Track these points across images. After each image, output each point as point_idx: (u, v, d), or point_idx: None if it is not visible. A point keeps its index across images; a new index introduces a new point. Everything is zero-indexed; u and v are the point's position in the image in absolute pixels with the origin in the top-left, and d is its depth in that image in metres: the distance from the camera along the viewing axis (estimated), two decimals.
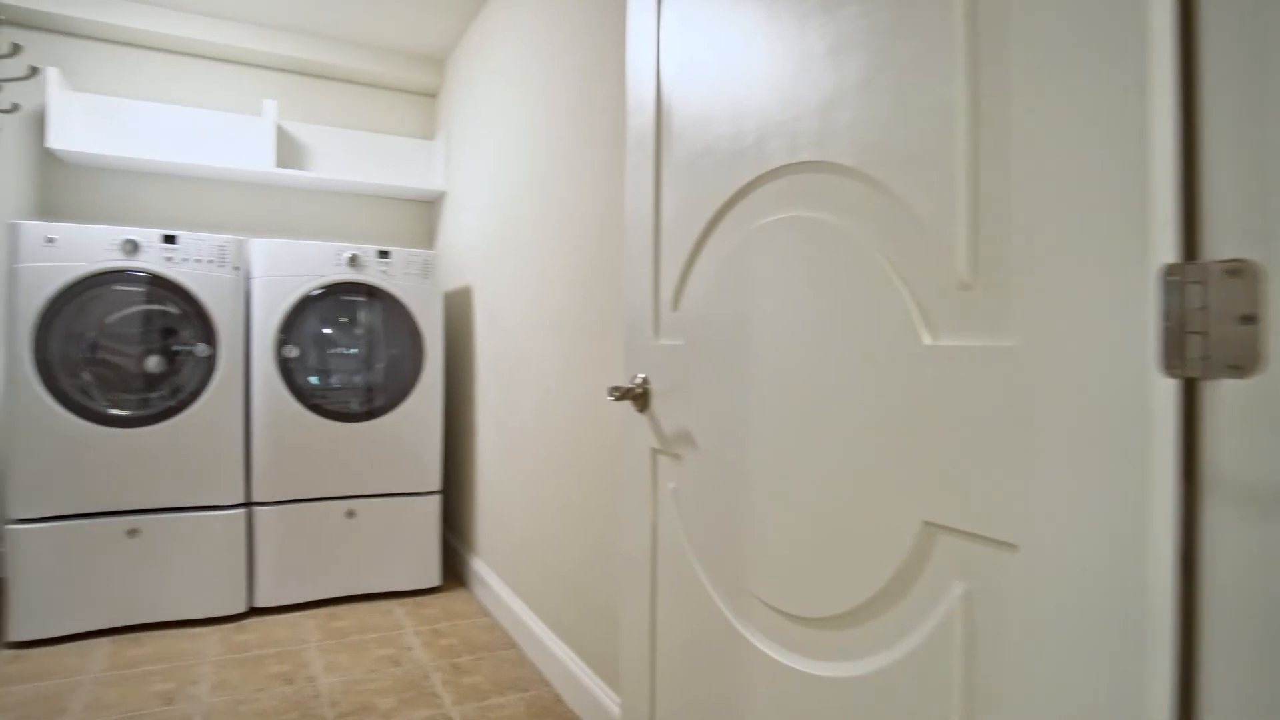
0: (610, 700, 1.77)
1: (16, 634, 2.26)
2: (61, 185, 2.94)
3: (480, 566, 2.82)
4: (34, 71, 1.13)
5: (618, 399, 1.34)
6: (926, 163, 0.82)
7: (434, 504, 2.87)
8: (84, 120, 2.88)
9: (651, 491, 1.36)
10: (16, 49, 1.09)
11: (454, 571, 3.13)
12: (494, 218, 2.72)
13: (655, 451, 1.35)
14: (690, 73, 1.25)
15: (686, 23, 1.26)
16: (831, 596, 0.95)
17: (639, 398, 1.37)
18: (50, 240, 2.29)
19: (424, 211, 3.63)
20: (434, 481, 2.87)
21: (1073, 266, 0.67)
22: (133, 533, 2.40)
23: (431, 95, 3.64)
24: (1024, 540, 0.71)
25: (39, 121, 2.88)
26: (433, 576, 2.86)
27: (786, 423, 1.02)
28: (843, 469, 0.93)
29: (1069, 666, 0.67)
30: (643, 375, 1.37)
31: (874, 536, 0.89)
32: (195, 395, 2.47)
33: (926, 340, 0.82)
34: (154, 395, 2.45)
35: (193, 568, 2.48)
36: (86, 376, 2.36)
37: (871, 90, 0.89)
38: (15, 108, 1.17)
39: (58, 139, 2.77)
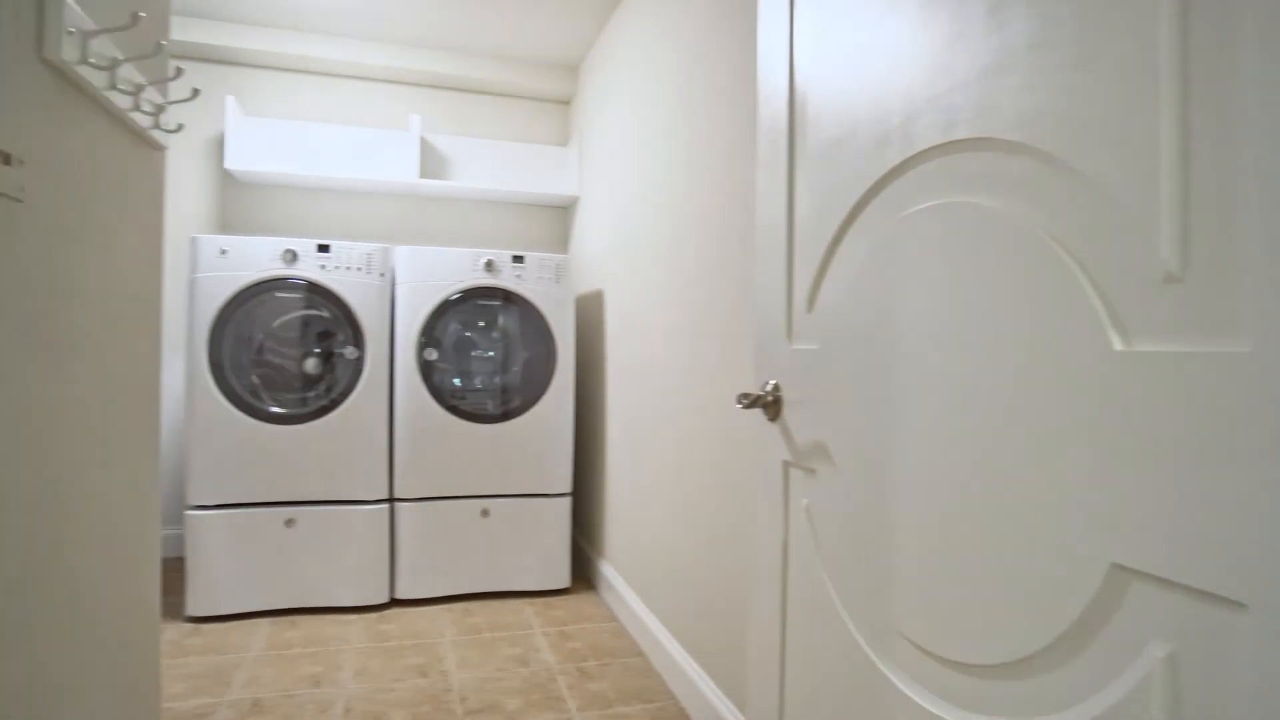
0: None
1: (194, 609, 2.49)
2: (235, 201, 3.23)
3: (608, 570, 2.81)
4: (195, 93, 1.21)
5: (746, 406, 1.25)
6: (1117, 126, 0.68)
7: (564, 506, 2.89)
8: (254, 142, 3.14)
9: (783, 507, 1.26)
10: (179, 72, 1.17)
11: (582, 573, 3.14)
12: (624, 221, 2.70)
13: (787, 464, 1.25)
14: (826, 54, 1.15)
15: (821, 1, 1.16)
16: (988, 642, 0.82)
17: (770, 406, 1.28)
18: (223, 252, 2.50)
19: (557, 217, 3.69)
20: (565, 484, 2.89)
21: None
22: (290, 522, 2.57)
23: (565, 102, 3.69)
24: (1256, 598, 0.56)
25: (218, 145, 3.18)
26: (562, 578, 2.88)
27: (936, 441, 0.90)
28: (1007, 497, 0.80)
29: None
30: (774, 381, 1.28)
31: (1046, 578, 0.75)
32: (345, 395, 2.62)
33: (1117, 345, 0.68)
34: (310, 395, 2.62)
35: (341, 558, 2.63)
36: (254, 378, 2.56)
37: (1045, 48, 0.76)
38: (179, 128, 1.27)
39: (233, 160, 3.04)
